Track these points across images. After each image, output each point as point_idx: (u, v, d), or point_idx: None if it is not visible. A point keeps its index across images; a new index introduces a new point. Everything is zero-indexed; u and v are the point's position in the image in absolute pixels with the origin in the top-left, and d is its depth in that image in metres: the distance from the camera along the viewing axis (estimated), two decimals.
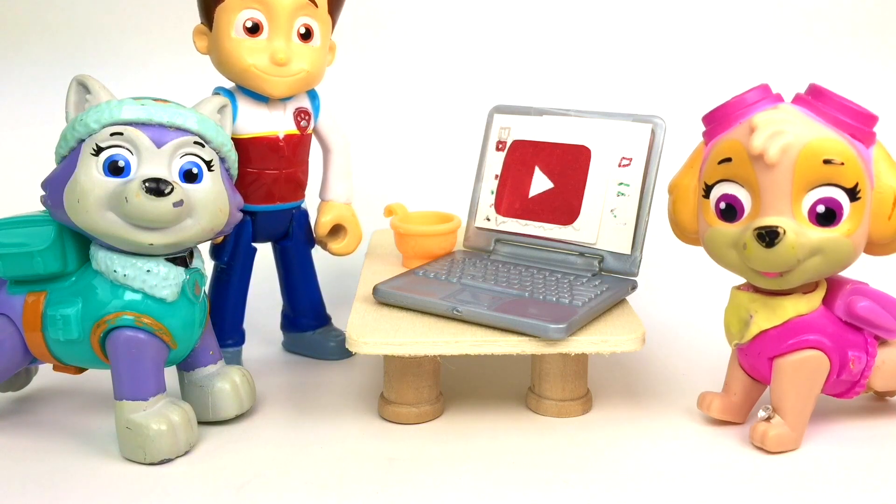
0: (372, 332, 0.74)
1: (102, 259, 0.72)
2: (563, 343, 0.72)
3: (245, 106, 0.84)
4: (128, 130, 0.70)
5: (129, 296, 0.72)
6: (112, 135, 0.69)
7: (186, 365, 0.78)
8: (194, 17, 0.86)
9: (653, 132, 0.83)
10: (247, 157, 0.83)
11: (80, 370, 0.78)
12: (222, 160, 0.74)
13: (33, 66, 1.35)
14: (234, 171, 0.77)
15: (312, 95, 0.88)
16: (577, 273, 0.83)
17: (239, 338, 0.90)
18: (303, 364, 0.92)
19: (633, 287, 0.82)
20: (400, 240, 0.91)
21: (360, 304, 0.80)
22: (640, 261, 0.83)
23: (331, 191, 0.91)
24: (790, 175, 0.67)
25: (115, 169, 0.69)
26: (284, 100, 0.85)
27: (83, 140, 0.70)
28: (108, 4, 1.34)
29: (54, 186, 0.71)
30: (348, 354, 0.92)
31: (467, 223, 0.92)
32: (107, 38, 1.34)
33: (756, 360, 0.73)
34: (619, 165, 0.84)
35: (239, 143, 0.82)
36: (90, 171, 0.69)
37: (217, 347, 0.79)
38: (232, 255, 0.86)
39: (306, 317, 0.93)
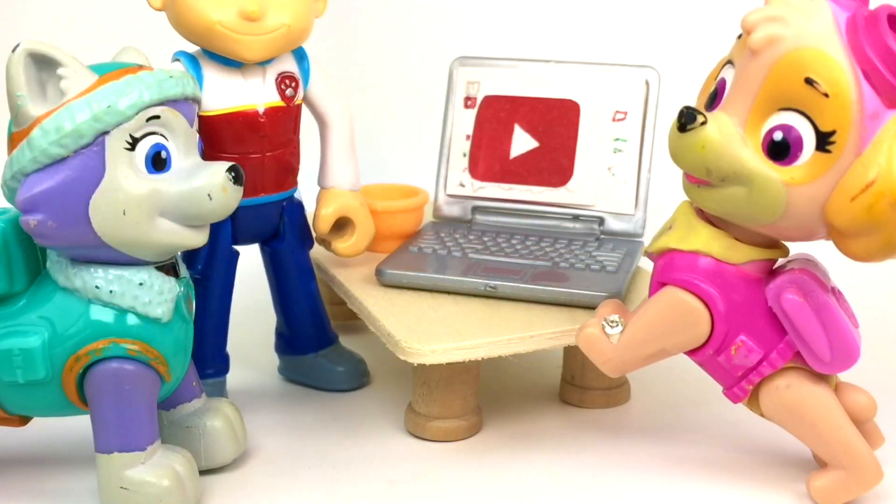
0: (428, 334, 0.61)
1: (77, 274, 0.54)
2: None
3: (213, 75, 0.65)
4: (164, 112, 0.52)
5: (115, 317, 0.54)
6: (149, 120, 0.52)
7: (167, 402, 0.61)
8: None
9: (647, 83, 0.77)
10: (220, 140, 0.65)
11: (26, 420, 0.59)
12: None
13: None
14: None
15: (300, 56, 0.69)
16: (582, 238, 0.76)
17: (222, 365, 0.71)
18: (295, 392, 0.75)
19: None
20: None
21: (372, 301, 0.67)
22: (646, 221, 0.77)
23: (331, 176, 0.71)
24: (762, 76, 0.52)
25: (158, 162, 0.53)
26: (263, 63, 0.66)
27: (105, 133, 0.51)
28: None
29: (59, 202, 0.52)
30: (362, 383, 0.75)
31: (435, 192, 0.81)
32: None
33: (652, 277, 0.60)
34: (613, 120, 0.78)
35: (209, 121, 0.64)
36: (134, 172, 0.52)
37: (198, 377, 0.63)
38: (207, 263, 0.67)
39: (305, 335, 0.74)
